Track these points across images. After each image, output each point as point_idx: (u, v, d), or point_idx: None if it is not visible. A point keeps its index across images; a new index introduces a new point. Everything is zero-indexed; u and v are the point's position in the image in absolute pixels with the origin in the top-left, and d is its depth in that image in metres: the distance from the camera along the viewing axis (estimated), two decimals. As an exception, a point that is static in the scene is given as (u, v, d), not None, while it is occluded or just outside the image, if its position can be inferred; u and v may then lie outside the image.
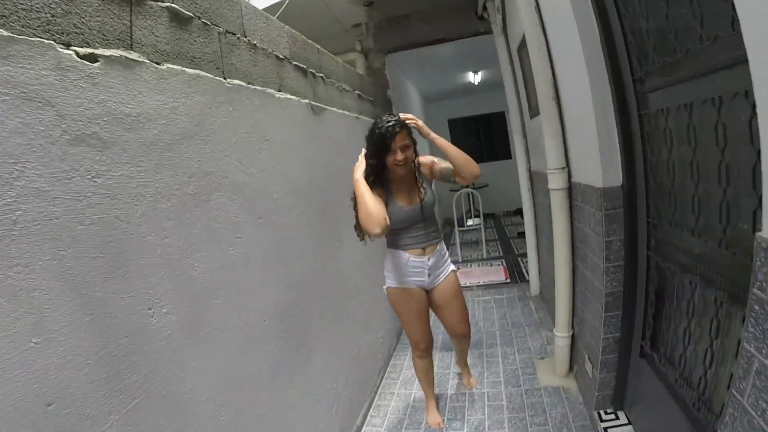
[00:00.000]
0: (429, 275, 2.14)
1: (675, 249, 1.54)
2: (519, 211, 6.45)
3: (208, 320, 1.23)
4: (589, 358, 2.24)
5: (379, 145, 1.86)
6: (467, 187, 7.09)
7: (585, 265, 2.20)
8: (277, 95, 1.90)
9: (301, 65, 2.18)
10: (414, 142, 1.94)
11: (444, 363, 3.06)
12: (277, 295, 1.67)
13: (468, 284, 4.53)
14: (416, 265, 2.09)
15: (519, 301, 3.96)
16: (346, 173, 2.02)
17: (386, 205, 1.94)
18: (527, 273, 4.40)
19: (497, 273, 4.85)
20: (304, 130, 2.13)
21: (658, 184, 1.64)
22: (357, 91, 3.18)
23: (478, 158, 7.53)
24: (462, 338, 2.40)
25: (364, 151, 1.94)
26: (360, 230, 1.94)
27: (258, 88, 1.74)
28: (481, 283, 4.56)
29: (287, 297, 1.74)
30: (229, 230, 1.38)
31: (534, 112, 3.02)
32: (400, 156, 1.86)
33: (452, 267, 2.27)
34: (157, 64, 1.20)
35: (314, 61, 2.37)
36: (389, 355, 3.21)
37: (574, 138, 2.21)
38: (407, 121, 1.91)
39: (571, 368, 2.63)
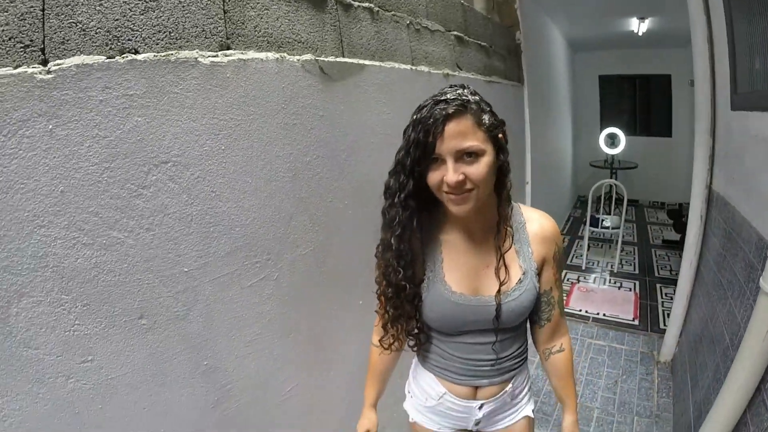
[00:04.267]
0: (478, 423, 1.19)
1: None
2: (673, 212, 5.16)
3: None
4: None
5: (413, 143, 0.91)
6: (612, 171, 5.84)
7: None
8: (207, 60, 1.02)
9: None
10: (500, 151, 0.95)
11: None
12: (192, 419, 1.13)
13: (584, 312, 3.68)
14: (456, 408, 1.17)
15: (642, 363, 3.05)
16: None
17: (421, 280, 1.05)
18: (664, 320, 3.44)
19: (625, 305, 3.80)
20: (289, 115, 1.24)
21: None
22: (455, 32, 2.17)
23: (631, 129, 6.40)
24: None
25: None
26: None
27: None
28: (602, 316, 3.63)
29: (217, 415, 1.18)
30: (60, 355, 0.87)
31: (743, 101, 1.98)
32: (452, 174, 0.88)
33: (528, 411, 1.26)
34: None
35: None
36: None
37: None
38: None
39: None
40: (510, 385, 1.16)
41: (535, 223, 1.07)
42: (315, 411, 1.52)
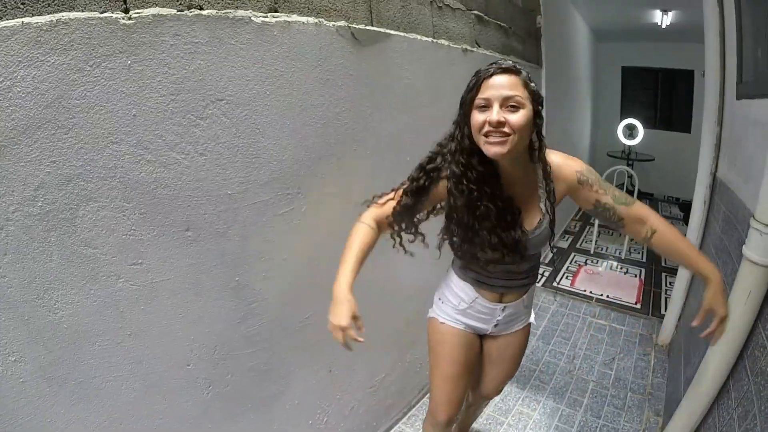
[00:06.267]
0: (496, 326, 1.46)
1: None
2: (684, 206, 5.16)
3: (79, 368, 1.02)
4: None
5: (463, 101, 1.10)
6: (629, 162, 5.82)
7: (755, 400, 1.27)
8: (258, 19, 1.18)
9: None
10: (537, 107, 1.09)
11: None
12: (219, 331, 1.30)
13: (588, 293, 3.73)
14: (483, 310, 1.41)
15: (639, 344, 3.08)
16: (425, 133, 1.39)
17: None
18: (666, 306, 3.43)
19: (629, 289, 3.85)
20: (324, 71, 1.39)
21: None
22: (475, 11, 2.24)
23: (650, 123, 6.32)
24: (487, 401, 1.84)
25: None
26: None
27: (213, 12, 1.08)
28: (605, 298, 3.67)
29: (242, 330, 1.34)
30: (115, 256, 1.02)
31: (748, 90, 1.99)
32: (496, 114, 1.01)
33: (531, 319, 1.56)
34: None
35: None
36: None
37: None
38: None
39: None
40: (526, 295, 1.42)
41: (554, 166, 1.20)
42: (330, 341, 1.65)
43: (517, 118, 1.02)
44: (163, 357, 1.15)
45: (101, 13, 0.87)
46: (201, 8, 1.02)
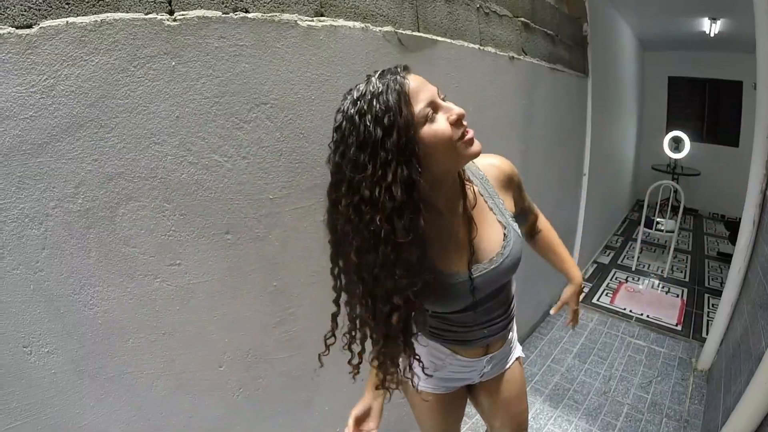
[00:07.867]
0: (482, 375, 1.24)
1: None
2: (731, 225, 4.95)
3: (111, 363, 1.03)
4: None
5: (397, 127, 0.72)
6: (674, 177, 5.61)
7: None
8: (304, 23, 1.16)
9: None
10: None
11: None
12: (254, 334, 1.30)
13: (628, 312, 3.61)
14: (465, 367, 1.18)
15: (678, 368, 2.97)
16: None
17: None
18: (707, 329, 3.30)
19: (670, 310, 3.71)
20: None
21: None
22: (522, 18, 2.19)
23: (697, 135, 6.06)
24: None
25: None
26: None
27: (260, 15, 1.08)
28: (645, 318, 3.54)
29: (276, 335, 1.33)
30: (153, 255, 1.02)
31: None
32: (456, 108, 0.80)
33: (518, 352, 1.31)
34: None
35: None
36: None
37: None
38: None
39: None
40: (510, 334, 1.21)
41: (493, 170, 1.03)
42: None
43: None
44: (195, 357, 1.15)
45: (146, 14, 0.87)
46: (247, 11, 1.01)
